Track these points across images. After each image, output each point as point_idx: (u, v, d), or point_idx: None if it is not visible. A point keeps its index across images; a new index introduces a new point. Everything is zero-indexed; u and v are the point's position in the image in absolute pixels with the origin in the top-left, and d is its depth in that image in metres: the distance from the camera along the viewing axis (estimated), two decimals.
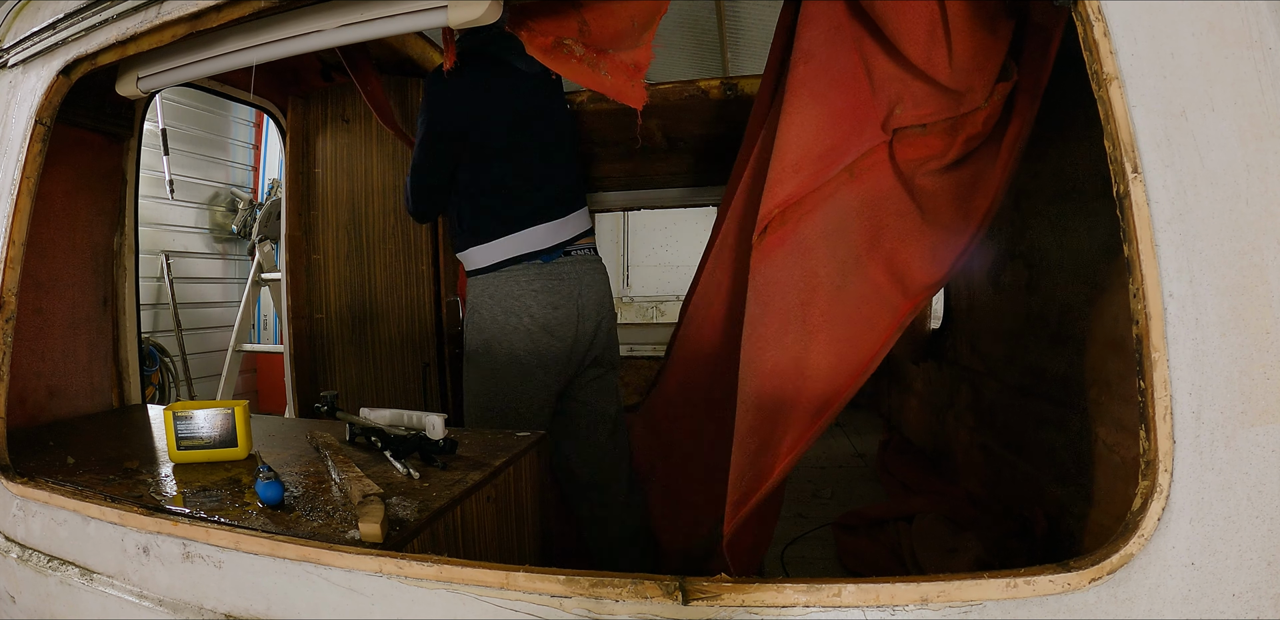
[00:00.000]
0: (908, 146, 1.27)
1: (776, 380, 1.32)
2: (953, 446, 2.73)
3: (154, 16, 1.23)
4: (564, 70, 1.32)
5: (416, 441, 1.45)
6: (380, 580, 0.95)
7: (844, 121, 1.26)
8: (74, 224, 1.88)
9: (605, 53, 1.30)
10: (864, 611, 0.80)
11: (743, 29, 3.88)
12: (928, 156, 1.27)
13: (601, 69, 1.30)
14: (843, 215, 1.29)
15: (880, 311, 1.29)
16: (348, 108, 2.93)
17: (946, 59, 1.16)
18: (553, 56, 1.31)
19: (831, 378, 1.30)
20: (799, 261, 1.30)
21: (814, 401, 1.31)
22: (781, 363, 1.31)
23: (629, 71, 1.30)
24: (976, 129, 1.23)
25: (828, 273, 1.30)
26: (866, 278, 1.29)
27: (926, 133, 1.25)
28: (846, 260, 1.29)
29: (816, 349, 1.30)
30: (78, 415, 1.88)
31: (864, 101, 1.26)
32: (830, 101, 1.26)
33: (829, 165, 1.26)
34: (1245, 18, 0.78)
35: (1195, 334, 0.77)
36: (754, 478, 1.34)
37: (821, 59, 1.27)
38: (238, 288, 5.12)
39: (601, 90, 1.32)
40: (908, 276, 1.28)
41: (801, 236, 1.30)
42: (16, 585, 1.29)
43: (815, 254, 1.29)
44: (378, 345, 2.96)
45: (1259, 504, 0.76)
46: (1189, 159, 0.78)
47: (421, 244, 2.87)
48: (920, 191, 1.27)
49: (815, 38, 1.27)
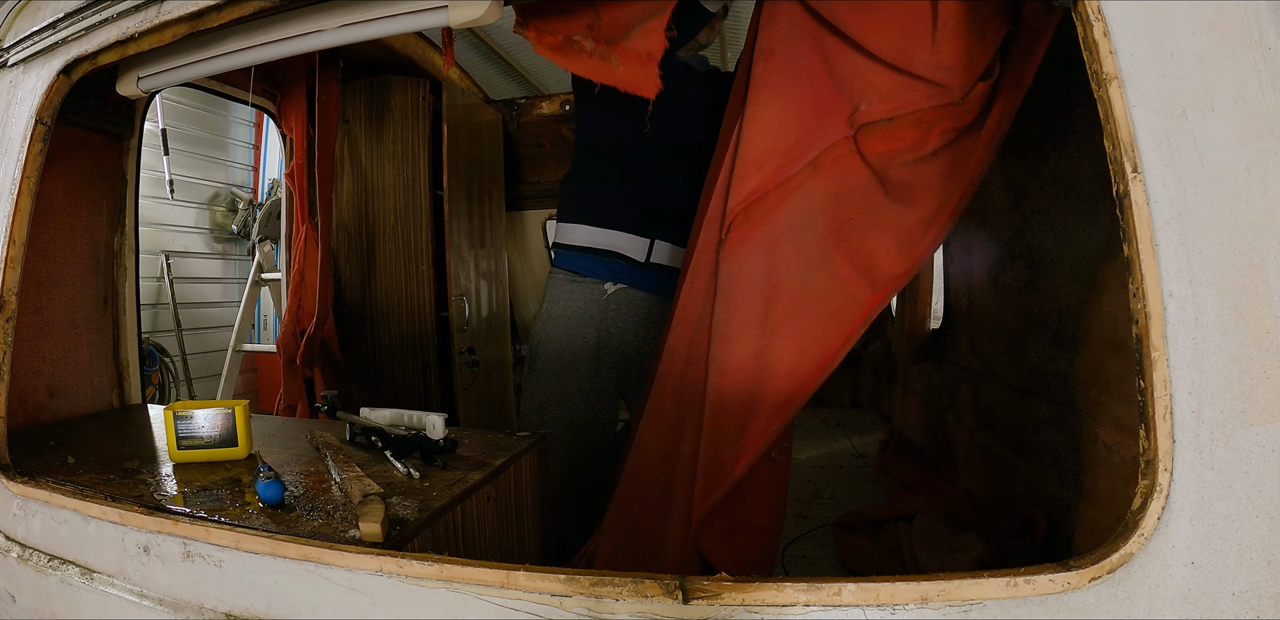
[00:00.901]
0: (876, 140, 1.28)
1: (738, 376, 1.32)
2: (953, 446, 2.73)
3: (154, 16, 1.23)
4: (575, 66, 1.32)
5: (417, 441, 1.45)
6: (381, 579, 0.95)
7: (806, 117, 1.28)
8: (74, 224, 1.88)
9: (615, 44, 1.30)
10: (864, 611, 0.81)
11: (742, 29, 3.88)
12: (899, 149, 1.28)
13: (614, 60, 1.30)
14: (808, 209, 1.30)
15: (846, 304, 1.30)
16: (348, 107, 2.93)
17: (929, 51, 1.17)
18: (563, 54, 1.31)
19: (794, 373, 1.31)
20: (764, 257, 1.31)
21: (777, 396, 1.31)
22: (743, 359, 1.32)
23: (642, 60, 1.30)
24: (951, 122, 1.24)
25: (793, 268, 1.30)
26: (833, 271, 1.30)
27: (894, 125, 1.26)
28: (812, 254, 1.30)
29: (779, 344, 1.31)
30: (78, 415, 1.88)
31: (825, 97, 1.27)
32: (791, 97, 1.28)
33: (793, 160, 1.28)
34: (1245, 18, 0.78)
35: (1195, 333, 0.77)
36: (716, 471, 1.35)
37: (781, 56, 1.28)
38: (238, 288, 5.12)
39: (614, 83, 1.32)
40: (875, 268, 1.29)
41: (767, 232, 1.31)
42: (17, 585, 1.29)
43: (781, 249, 1.31)
44: (377, 344, 2.95)
45: (1259, 503, 0.76)
46: (1189, 159, 0.78)
47: (422, 243, 2.87)
48: (893, 183, 1.28)
49: (775, 35, 1.29)
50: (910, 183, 1.28)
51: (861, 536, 2.31)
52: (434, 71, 2.94)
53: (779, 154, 1.28)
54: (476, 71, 3.26)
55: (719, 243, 1.36)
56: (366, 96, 2.93)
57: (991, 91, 1.23)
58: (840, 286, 1.30)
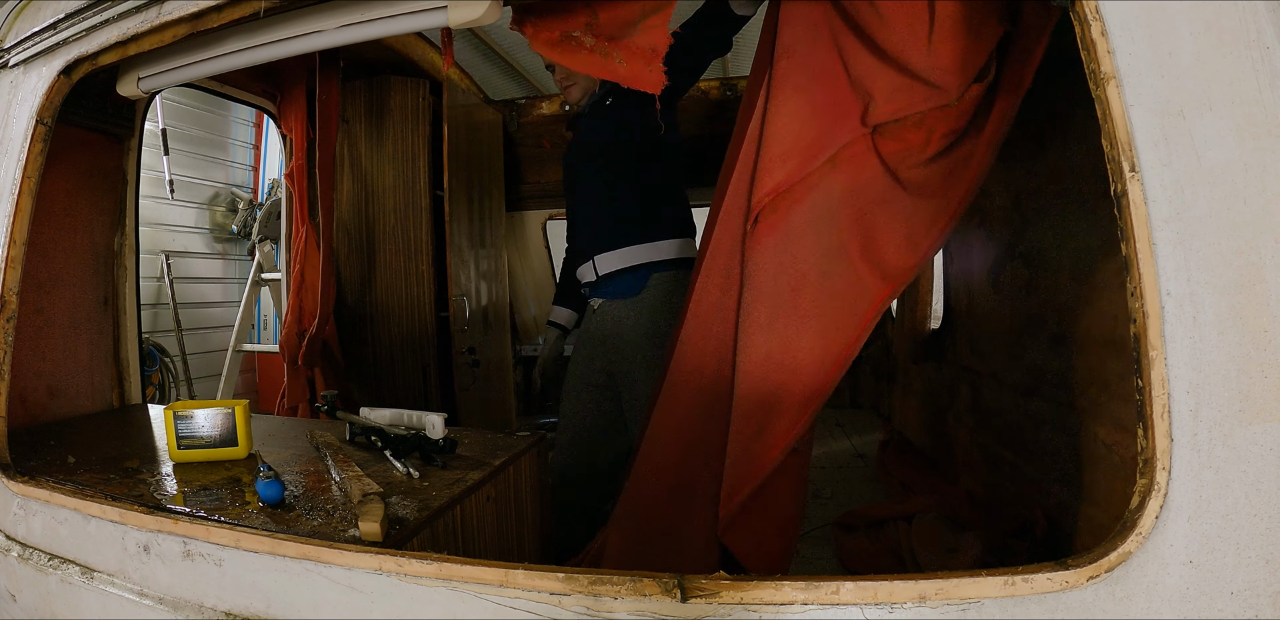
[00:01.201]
0: (889, 140, 1.31)
1: (769, 366, 1.34)
2: (953, 446, 2.73)
3: (155, 16, 1.23)
4: (573, 62, 1.32)
5: (416, 441, 1.46)
6: (380, 578, 0.95)
7: (825, 114, 1.30)
8: (75, 224, 1.88)
9: (617, 40, 1.30)
10: (862, 609, 0.81)
11: (742, 29, 3.87)
12: (906, 150, 1.31)
13: (616, 57, 1.30)
14: (828, 204, 1.33)
15: (860, 296, 1.33)
16: (348, 108, 2.93)
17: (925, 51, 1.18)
18: (560, 49, 1.31)
19: (820, 364, 1.33)
20: (788, 248, 1.34)
21: (807, 386, 1.33)
22: (773, 349, 1.33)
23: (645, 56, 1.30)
24: (949, 125, 1.25)
25: (815, 260, 1.33)
26: (849, 264, 1.33)
27: (900, 126, 1.29)
28: (831, 247, 1.33)
29: (807, 335, 1.33)
30: (78, 414, 1.88)
31: (844, 96, 1.30)
32: (812, 94, 1.31)
33: (814, 155, 1.30)
34: (1243, 17, 0.78)
35: (1193, 332, 0.77)
36: (747, 465, 1.35)
37: (802, 54, 1.31)
38: (238, 288, 5.12)
39: (616, 79, 1.32)
40: (885, 261, 1.32)
41: (790, 224, 1.34)
42: (17, 584, 1.30)
43: (803, 241, 1.33)
44: (377, 344, 2.95)
45: (1257, 502, 0.76)
46: (1186, 158, 0.78)
47: (422, 244, 2.87)
48: (906, 183, 1.31)
49: (795, 34, 1.32)
50: (917, 181, 1.31)
51: (861, 536, 2.31)
52: (434, 72, 2.94)
53: (801, 149, 1.31)
54: (476, 71, 3.27)
55: (743, 234, 1.38)
56: (366, 96, 2.94)
57: (990, 93, 1.24)
58: (856, 278, 1.33)
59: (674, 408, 1.50)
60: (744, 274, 1.37)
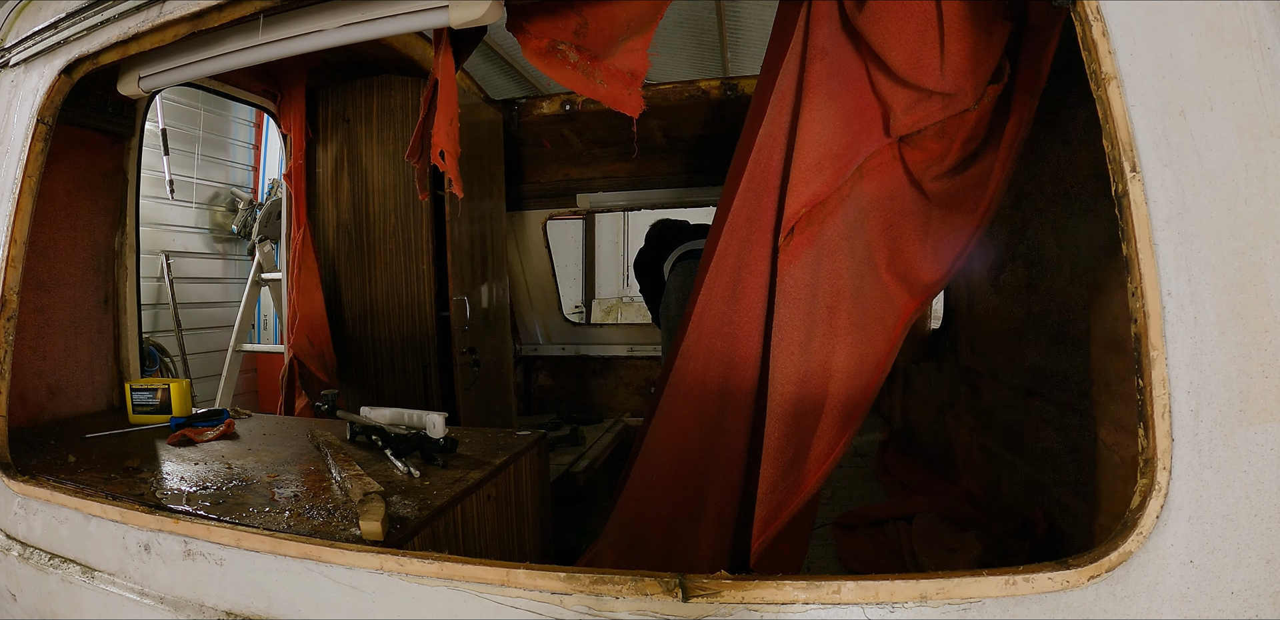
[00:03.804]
0: (913, 149, 1.28)
1: (807, 386, 1.27)
2: (953, 446, 2.73)
3: (155, 16, 1.23)
4: (557, 76, 1.32)
5: (417, 440, 1.46)
6: (381, 577, 0.95)
7: (855, 121, 1.26)
8: (75, 223, 1.88)
9: (599, 60, 1.29)
10: (863, 609, 0.81)
11: (743, 29, 3.87)
12: (929, 160, 1.28)
13: (596, 77, 1.30)
14: (859, 215, 1.28)
15: (889, 311, 1.29)
16: (348, 108, 2.93)
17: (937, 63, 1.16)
18: (547, 61, 1.31)
19: (856, 380, 1.28)
20: (825, 263, 1.27)
21: (844, 406, 1.27)
22: (811, 371, 1.27)
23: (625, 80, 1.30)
24: (968, 131, 1.23)
25: (848, 276, 1.28)
26: (878, 279, 1.29)
27: (922, 137, 1.26)
28: (862, 261, 1.28)
29: (841, 352, 1.27)
30: (79, 414, 1.88)
31: (870, 103, 1.26)
32: (843, 101, 1.26)
33: (847, 164, 1.25)
34: (1244, 17, 0.78)
35: (1194, 332, 0.77)
36: (788, 489, 1.29)
37: (833, 58, 1.26)
38: (238, 288, 5.12)
39: (597, 97, 1.32)
40: (911, 276, 1.29)
41: (825, 237, 1.28)
42: (18, 583, 1.29)
43: (838, 255, 1.27)
44: (378, 344, 2.95)
45: (1257, 502, 0.76)
46: (1187, 158, 0.78)
47: (422, 243, 2.87)
48: (931, 194, 1.28)
49: (827, 36, 1.27)
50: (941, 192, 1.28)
51: (861, 536, 2.31)
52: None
53: (833, 158, 1.25)
54: (476, 71, 3.27)
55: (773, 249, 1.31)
56: (366, 96, 2.93)
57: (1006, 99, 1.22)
58: (885, 293, 1.29)
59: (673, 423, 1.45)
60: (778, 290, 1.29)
